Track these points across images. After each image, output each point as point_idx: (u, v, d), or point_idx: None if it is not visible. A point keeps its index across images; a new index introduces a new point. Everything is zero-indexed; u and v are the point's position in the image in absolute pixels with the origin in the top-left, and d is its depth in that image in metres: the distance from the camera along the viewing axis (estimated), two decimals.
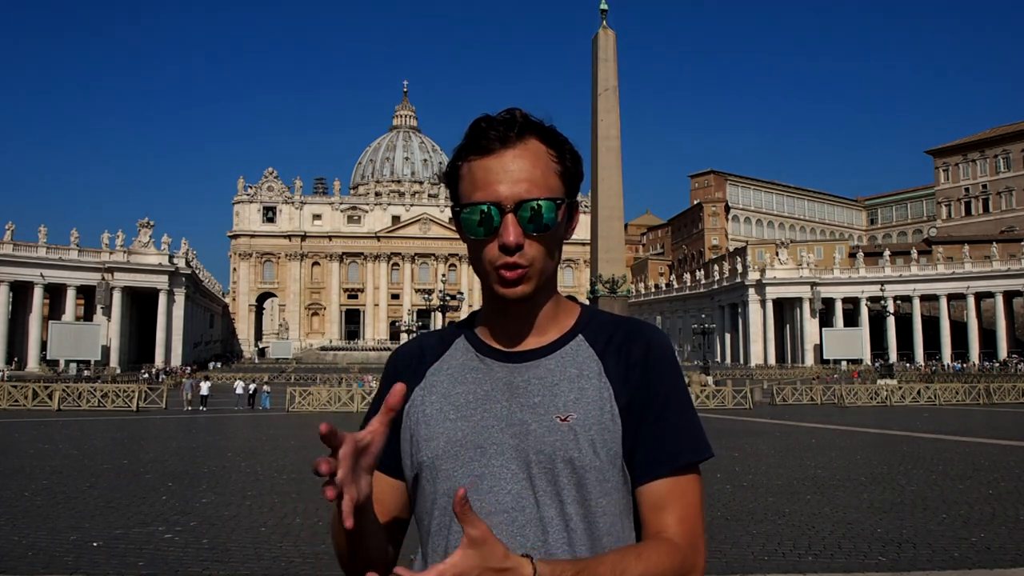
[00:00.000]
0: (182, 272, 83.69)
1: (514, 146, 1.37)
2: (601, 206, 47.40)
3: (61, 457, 16.27)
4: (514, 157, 1.36)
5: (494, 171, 1.35)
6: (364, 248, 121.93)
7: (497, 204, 1.32)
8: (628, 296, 50.88)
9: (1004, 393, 39.73)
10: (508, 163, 1.35)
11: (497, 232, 1.33)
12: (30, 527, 9.10)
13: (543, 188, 1.36)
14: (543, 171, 1.37)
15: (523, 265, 1.33)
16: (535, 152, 1.38)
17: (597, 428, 1.36)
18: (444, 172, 1.47)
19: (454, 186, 1.41)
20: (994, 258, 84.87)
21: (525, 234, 1.33)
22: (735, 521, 9.66)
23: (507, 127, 1.37)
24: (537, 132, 1.39)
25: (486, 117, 1.39)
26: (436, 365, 1.47)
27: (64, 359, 69.88)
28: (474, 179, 1.36)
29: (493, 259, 1.34)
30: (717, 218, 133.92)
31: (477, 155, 1.37)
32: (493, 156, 1.36)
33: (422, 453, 1.38)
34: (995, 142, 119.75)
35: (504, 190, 1.33)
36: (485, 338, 1.47)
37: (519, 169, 1.35)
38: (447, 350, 1.49)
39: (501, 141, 1.36)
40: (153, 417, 29.83)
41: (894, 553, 7.90)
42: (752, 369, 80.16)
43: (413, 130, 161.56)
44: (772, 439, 20.81)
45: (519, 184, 1.34)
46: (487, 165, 1.35)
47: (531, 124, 1.39)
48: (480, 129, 1.37)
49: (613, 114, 47.35)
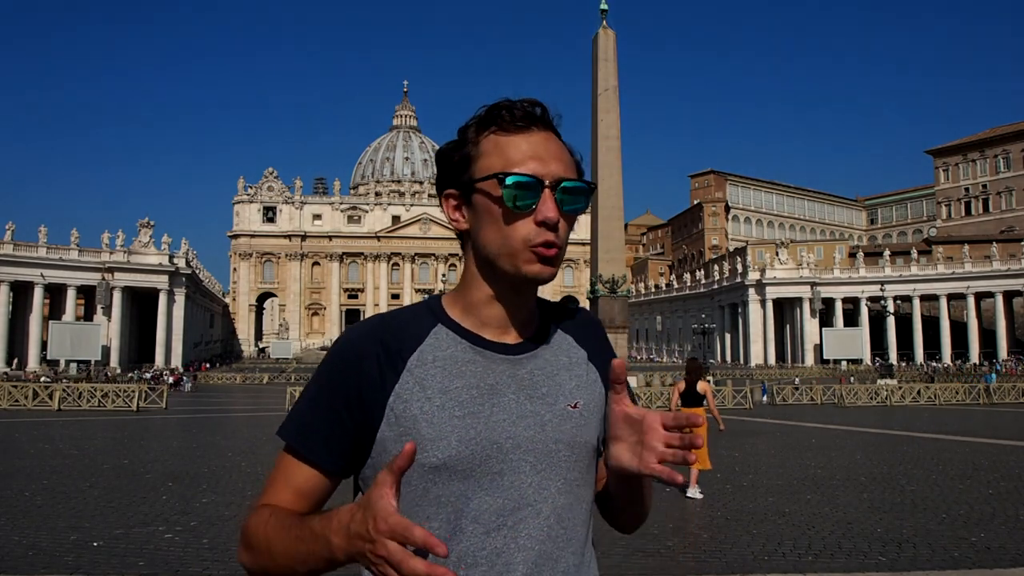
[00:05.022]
0: (182, 272, 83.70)
1: (544, 129, 1.36)
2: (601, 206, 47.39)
3: (61, 457, 16.26)
4: (546, 139, 1.35)
5: (533, 147, 1.32)
6: (364, 248, 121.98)
7: (538, 179, 1.30)
8: (628, 296, 50.86)
9: (1004, 393, 39.74)
10: (543, 142, 1.34)
11: (531, 208, 1.30)
12: (30, 527, 9.10)
13: (575, 173, 1.37)
14: (569, 159, 1.37)
15: (558, 244, 1.31)
16: (559, 141, 1.38)
17: (598, 412, 1.42)
18: (451, 146, 1.39)
19: (465, 161, 1.35)
20: (994, 258, 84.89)
21: (561, 213, 1.32)
22: (735, 521, 9.65)
23: (541, 110, 1.36)
24: (555, 127, 1.39)
25: (521, 99, 1.37)
26: (416, 356, 1.33)
27: (64, 359, 69.95)
28: (507, 153, 1.31)
29: (529, 235, 1.29)
30: (717, 218, 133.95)
31: (506, 131, 1.33)
32: (524, 134, 1.33)
33: (430, 454, 1.28)
34: (995, 142, 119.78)
35: (545, 167, 1.31)
36: (474, 328, 1.39)
37: (557, 149, 1.35)
38: (424, 339, 1.35)
39: (533, 121, 1.35)
40: (153, 417, 29.82)
41: (894, 553, 7.90)
42: (752, 369, 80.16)
43: (413, 130, 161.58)
44: (772, 439, 20.80)
45: (558, 163, 1.33)
46: (520, 141, 1.33)
47: (552, 118, 1.39)
48: (509, 107, 1.34)
49: (613, 114, 47.32)
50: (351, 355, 1.33)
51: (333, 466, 1.35)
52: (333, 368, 1.35)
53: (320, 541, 1.18)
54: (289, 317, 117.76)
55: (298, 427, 1.36)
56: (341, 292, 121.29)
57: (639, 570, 7.39)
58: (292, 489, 1.35)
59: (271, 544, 1.26)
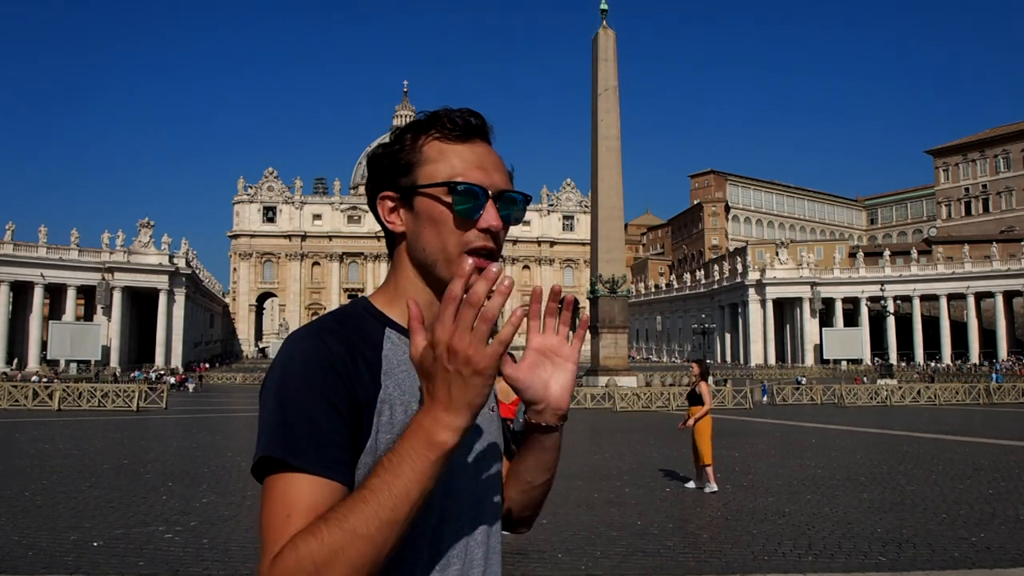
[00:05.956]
0: (182, 272, 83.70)
1: (484, 140, 1.39)
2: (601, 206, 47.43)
3: (61, 457, 16.27)
4: (488, 150, 1.38)
5: (478, 157, 1.35)
6: (364, 248, 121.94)
7: (483, 189, 1.32)
8: (628, 296, 50.87)
9: (1004, 393, 39.75)
10: (487, 153, 1.37)
11: (474, 217, 1.32)
12: (30, 527, 9.11)
13: (511, 184, 1.40)
14: (506, 170, 1.40)
15: (495, 251, 1.34)
16: (496, 152, 1.41)
17: (498, 415, 1.50)
18: (386, 148, 1.40)
19: (407, 164, 1.36)
20: (994, 258, 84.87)
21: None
22: (735, 521, 9.66)
23: (480, 121, 1.38)
24: (490, 139, 1.42)
25: (461, 109, 1.38)
26: (384, 361, 1.29)
27: (64, 359, 69.96)
28: (452, 161, 1.34)
29: (470, 240, 1.32)
30: (717, 218, 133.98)
31: (448, 140, 1.36)
32: (468, 144, 1.36)
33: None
34: (995, 142, 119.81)
35: (489, 177, 1.34)
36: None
37: (497, 161, 1.38)
38: (382, 344, 1.31)
39: (474, 131, 1.37)
40: (153, 417, 29.82)
41: (894, 553, 7.90)
42: (752, 369, 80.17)
43: None
44: (772, 439, 20.81)
45: (499, 173, 1.36)
46: (464, 150, 1.35)
47: (489, 129, 1.41)
48: (450, 115, 1.36)
49: (613, 114, 47.39)
50: (337, 356, 1.23)
51: (350, 477, 1.20)
52: (325, 371, 1.21)
53: (410, 453, 1.09)
54: (289, 317, 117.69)
55: (312, 443, 1.16)
56: (341, 292, 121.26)
57: (639, 570, 7.39)
58: (315, 515, 1.11)
59: (355, 534, 1.06)
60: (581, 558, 7.78)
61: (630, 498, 11.35)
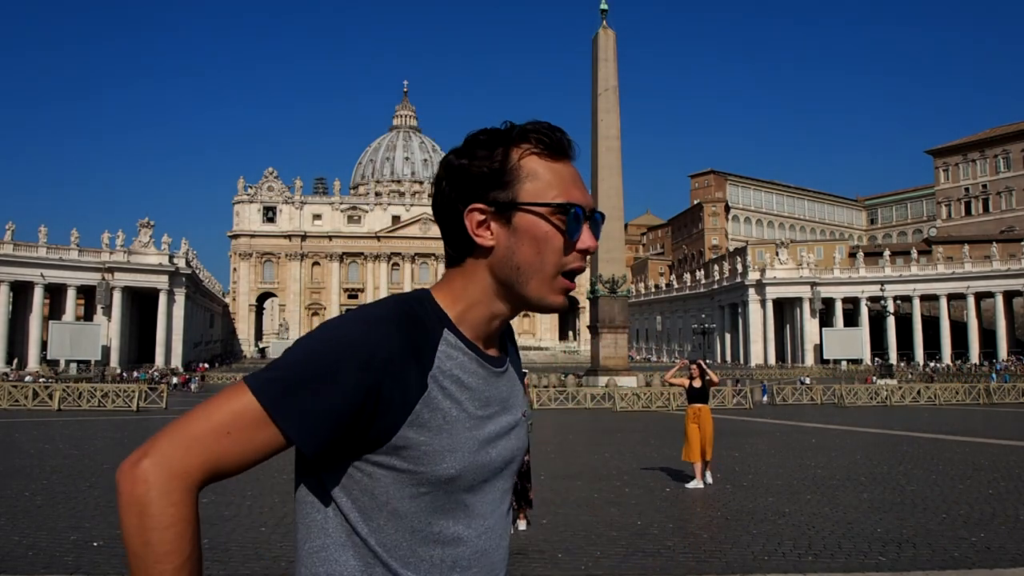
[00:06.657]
0: (182, 272, 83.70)
1: (573, 159, 1.40)
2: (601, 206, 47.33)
3: (61, 457, 16.27)
4: (575, 169, 1.40)
5: (575, 177, 1.37)
6: (364, 248, 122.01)
7: (583, 210, 1.34)
8: (628, 296, 50.85)
9: (1004, 393, 39.76)
10: (576, 173, 1.39)
11: (574, 238, 1.34)
12: (30, 527, 9.11)
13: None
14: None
15: (583, 271, 1.38)
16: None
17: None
18: (473, 158, 1.33)
19: (504, 179, 1.32)
20: (994, 258, 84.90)
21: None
22: (735, 521, 9.66)
23: (569, 139, 1.40)
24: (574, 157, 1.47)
25: (547, 123, 1.38)
26: (436, 362, 1.29)
27: (64, 359, 69.94)
28: (555, 181, 1.34)
29: (569, 262, 1.34)
30: (717, 218, 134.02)
31: (548, 157, 1.35)
32: (564, 162, 1.37)
33: (448, 466, 1.28)
34: (995, 142, 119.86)
35: (586, 198, 1.37)
36: (471, 339, 1.37)
37: (581, 180, 1.41)
38: (438, 344, 1.30)
39: (568, 150, 1.38)
40: (153, 417, 29.82)
41: (894, 553, 7.90)
42: (752, 369, 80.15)
43: (413, 130, 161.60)
44: (772, 439, 20.81)
45: (589, 195, 1.40)
46: (563, 169, 1.36)
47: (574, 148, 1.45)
48: (549, 131, 1.36)
49: (613, 114, 47.37)
50: (384, 352, 1.22)
51: (317, 451, 1.23)
52: (361, 369, 1.20)
53: None
54: (289, 317, 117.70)
55: (298, 403, 1.19)
56: (341, 292, 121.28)
57: (639, 570, 7.39)
58: (240, 450, 1.21)
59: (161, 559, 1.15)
60: (581, 558, 7.78)
61: (630, 498, 11.35)
